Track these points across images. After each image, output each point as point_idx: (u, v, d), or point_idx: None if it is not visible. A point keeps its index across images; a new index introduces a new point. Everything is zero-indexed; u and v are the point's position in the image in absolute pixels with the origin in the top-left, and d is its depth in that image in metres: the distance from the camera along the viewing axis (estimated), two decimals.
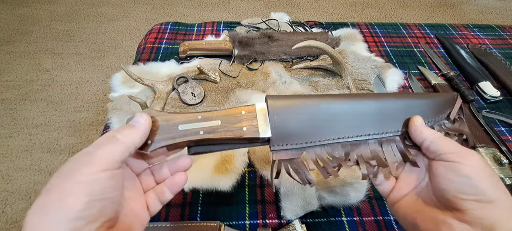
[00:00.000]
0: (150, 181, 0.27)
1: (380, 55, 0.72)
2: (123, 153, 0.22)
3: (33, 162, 1.14)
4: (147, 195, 0.27)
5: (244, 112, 0.27)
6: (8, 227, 0.97)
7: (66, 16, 1.86)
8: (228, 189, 0.44)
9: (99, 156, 0.21)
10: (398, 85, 0.63)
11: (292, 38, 0.68)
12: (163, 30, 0.76)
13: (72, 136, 1.22)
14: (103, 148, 0.22)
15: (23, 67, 1.51)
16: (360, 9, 2.01)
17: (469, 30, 0.82)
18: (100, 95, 1.39)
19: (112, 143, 0.22)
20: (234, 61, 0.65)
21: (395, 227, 0.42)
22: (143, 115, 0.25)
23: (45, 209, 0.19)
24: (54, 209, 0.19)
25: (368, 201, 0.44)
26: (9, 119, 1.27)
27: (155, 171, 0.28)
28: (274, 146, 0.26)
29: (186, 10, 1.95)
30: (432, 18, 1.96)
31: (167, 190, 0.27)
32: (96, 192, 0.20)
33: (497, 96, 0.61)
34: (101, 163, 0.21)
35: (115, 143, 0.22)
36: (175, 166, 0.28)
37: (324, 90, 0.60)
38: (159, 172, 0.28)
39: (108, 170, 0.21)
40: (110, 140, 0.22)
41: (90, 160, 0.21)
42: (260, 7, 1.99)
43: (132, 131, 0.23)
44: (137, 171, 0.27)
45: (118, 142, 0.22)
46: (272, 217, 0.43)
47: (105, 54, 1.61)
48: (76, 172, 0.20)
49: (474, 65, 0.68)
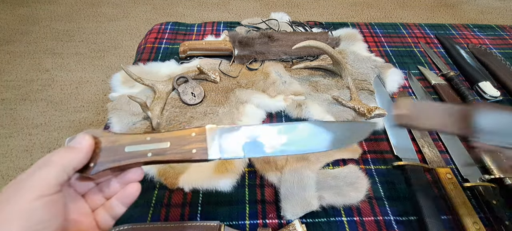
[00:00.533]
0: (98, 198, 0.26)
1: (380, 55, 0.72)
2: (59, 176, 0.21)
3: (33, 162, 1.13)
4: (96, 213, 0.25)
5: (194, 134, 0.26)
6: None
7: (66, 16, 1.86)
8: (228, 189, 0.44)
9: (33, 182, 0.20)
10: (398, 85, 0.63)
11: (292, 38, 0.68)
12: (163, 30, 0.76)
13: (72, 136, 1.22)
14: (39, 172, 0.20)
15: (23, 67, 1.51)
16: (360, 9, 2.01)
17: (469, 30, 0.82)
18: (100, 95, 1.39)
19: (47, 166, 0.21)
20: (234, 61, 0.65)
21: (395, 227, 0.42)
22: (85, 136, 0.24)
23: None
24: None
25: (368, 201, 0.44)
26: (9, 119, 1.27)
27: (103, 187, 0.26)
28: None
29: (186, 10, 1.95)
30: (432, 18, 1.96)
31: (118, 203, 0.26)
32: (32, 222, 0.19)
33: (497, 97, 0.61)
34: (36, 189, 0.20)
35: (50, 165, 0.21)
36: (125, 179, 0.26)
37: (324, 90, 0.60)
38: (107, 188, 0.26)
39: (45, 196, 0.20)
40: (45, 163, 0.21)
41: (23, 187, 0.20)
42: (260, 7, 1.99)
43: (70, 152, 0.22)
44: (82, 191, 0.25)
45: (54, 164, 0.21)
46: (272, 217, 0.43)
47: (105, 54, 1.61)
48: (11, 201, 0.19)
49: (474, 65, 0.68)
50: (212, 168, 0.46)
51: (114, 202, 0.26)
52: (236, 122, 0.53)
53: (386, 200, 0.45)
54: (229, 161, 0.47)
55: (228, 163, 0.46)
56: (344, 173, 0.46)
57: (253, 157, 0.26)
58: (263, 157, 0.26)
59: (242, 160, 0.47)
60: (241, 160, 0.47)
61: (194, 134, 0.26)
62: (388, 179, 0.47)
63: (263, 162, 0.47)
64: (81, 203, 0.25)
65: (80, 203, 0.25)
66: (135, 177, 0.26)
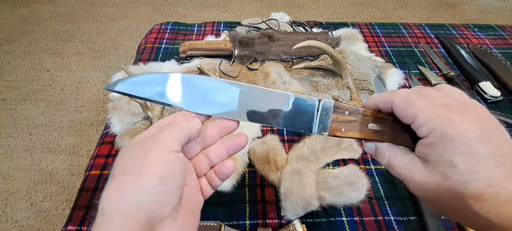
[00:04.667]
0: (203, 165, 0.27)
1: (380, 55, 0.72)
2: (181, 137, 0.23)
3: (33, 162, 1.14)
4: (200, 180, 0.27)
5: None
6: (8, 227, 0.97)
7: (67, 16, 1.87)
8: (228, 189, 0.44)
9: (163, 139, 0.22)
10: (398, 85, 0.63)
11: (292, 38, 0.68)
12: (163, 30, 0.76)
13: (72, 136, 1.22)
14: (165, 132, 0.23)
15: (24, 67, 1.51)
16: (360, 9, 2.01)
17: (469, 30, 0.82)
18: (100, 95, 1.39)
19: (171, 128, 0.23)
20: (234, 61, 0.65)
21: (395, 227, 0.42)
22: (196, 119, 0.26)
23: (122, 190, 0.20)
24: (131, 190, 0.20)
25: (368, 201, 0.44)
26: (9, 119, 1.27)
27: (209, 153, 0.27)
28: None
29: (186, 10, 1.95)
30: (432, 18, 1.96)
31: (216, 177, 0.27)
32: (167, 172, 0.21)
33: (498, 96, 0.61)
34: (167, 145, 0.22)
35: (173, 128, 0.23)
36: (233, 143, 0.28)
37: (324, 90, 0.60)
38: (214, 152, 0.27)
39: (173, 152, 0.22)
40: (169, 126, 0.24)
41: (156, 143, 0.22)
42: (260, 7, 1.99)
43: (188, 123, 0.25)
44: (190, 155, 0.27)
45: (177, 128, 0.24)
46: (272, 217, 0.43)
47: (105, 54, 1.62)
48: (148, 154, 0.21)
49: (474, 65, 0.67)
50: None
51: (213, 174, 0.27)
52: None
53: (386, 200, 0.45)
54: None
55: None
56: (344, 173, 0.45)
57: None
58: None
59: (242, 160, 0.48)
60: (241, 160, 0.47)
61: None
62: (388, 179, 0.47)
63: (263, 162, 0.47)
64: (190, 167, 0.27)
65: (189, 167, 0.26)
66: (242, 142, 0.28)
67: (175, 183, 0.22)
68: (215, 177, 0.27)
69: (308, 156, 0.47)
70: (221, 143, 0.28)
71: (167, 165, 0.21)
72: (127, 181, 0.20)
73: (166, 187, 0.21)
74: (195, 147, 0.27)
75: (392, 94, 0.25)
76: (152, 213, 0.20)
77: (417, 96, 0.23)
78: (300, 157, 0.47)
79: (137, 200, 0.20)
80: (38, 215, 1.00)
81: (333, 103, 0.27)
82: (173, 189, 0.22)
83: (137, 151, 0.22)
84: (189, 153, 0.27)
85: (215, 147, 0.27)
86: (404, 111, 0.23)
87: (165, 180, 0.21)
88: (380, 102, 0.26)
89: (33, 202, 1.03)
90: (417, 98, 0.23)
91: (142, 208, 0.20)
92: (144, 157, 0.21)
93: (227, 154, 0.28)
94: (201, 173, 0.27)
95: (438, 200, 0.22)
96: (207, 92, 0.26)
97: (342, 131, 0.27)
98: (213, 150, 0.27)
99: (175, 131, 0.23)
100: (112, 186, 0.20)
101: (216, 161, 0.27)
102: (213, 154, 0.27)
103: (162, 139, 0.22)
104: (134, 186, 0.20)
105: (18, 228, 0.97)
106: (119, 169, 0.21)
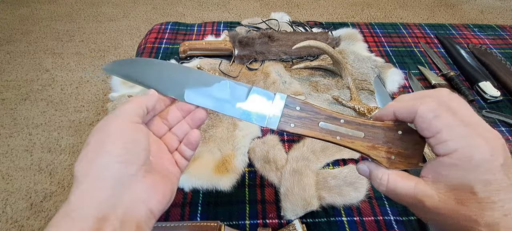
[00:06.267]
0: (173, 141, 0.30)
1: (380, 55, 0.72)
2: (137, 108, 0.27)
3: (33, 161, 1.14)
4: (173, 154, 0.30)
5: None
6: (8, 227, 0.97)
7: (67, 16, 1.87)
8: (228, 189, 0.44)
9: (121, 112, 0.26)
10: (398, 85, 0.63)
11: (292, 38, 0.68)
12: (163, 30, 0.76)
13: (72, 135, 1.22)
14: (123, 107, 0.27)
15: (24, 67, 1.51)
16: (360, 9, 2.01)
17: (469, 30, 0.82)
18: (100, 95, 1.39)
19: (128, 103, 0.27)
20: (234, 61, 0.65)
21: (395, 227, 0.42)
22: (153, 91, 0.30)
23: (89, 157, 0.23)
24: (97, 155, 0.23)
25: (368, 201, 0.44)
26: (9, 119, 1.27)
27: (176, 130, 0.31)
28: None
29: (186, 10, 1.95)
30: (432, 18, 1.96)
31: (186, 148, 0.30)
32: (128, 139, 0.24)
33: (497, 96, 0.61)
34: (125, 117, 0.26)
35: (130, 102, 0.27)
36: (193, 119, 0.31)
37: (324, 90, 0.60)
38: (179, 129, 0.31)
39: (132, 123, 0.25)
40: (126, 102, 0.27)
41: (116, 115, 0.26)
42: (260, 7, 1.99)
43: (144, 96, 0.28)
44: (159, 134, 0.30)
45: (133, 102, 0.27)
46: (272, 217, 0.43)
47: (105, 54, 1.61)
48: (109, 126, 0.25)
49: (474, 65, 0.67)
50: (212, 167, 0.46)
51: (183, 147, 0.31)
52: (236, 122, 0.53)
53: (386, 199, 0.45)
54: (229, 161, 0.47)
55: (228, 163, 0.46)
56: (344, 172, 0.46)
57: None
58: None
59: (242, 160, 0.48)
60: (241, 160, 0.47)
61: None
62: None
63: (263, 161, 0.47)
64: (160, 144, 0.30)
65: (159, 144, 0.29)
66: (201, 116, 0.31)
67: (138, 146, 0.25)
68: (185, 148, 0.31)
69: (308, 156, 0.47)
70: (184, 121, 0.31)
71: (127, 132, 0.25)
72: (93, 149, 0.24)
73: (128, 149, 0.24)
74: (162, 126, 0.30)
75: (416, 102, 0.23)
76: (119, 171, 0.23)
77: (446, 110, 0.21)
78: (300, 157, 0.47)
79: (103, 162, 0.23)
80: (38, 215, 1.00)
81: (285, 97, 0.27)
82: (136, 151, 0.25)
83: (101, 127, 0.25)
84: (158, 132, 0.30)
85: (179, 124, 0.31)
86: (429, 123, 0.22)
87: (127, 145, 0.24)
88: (401, 109, 0.24)
89: (33, 202, 1.03)
90: (445, 112, 0.21)
91: (109, 168, 0.23)
92: (106, 129, 0.25)
93: (190, 128, 0.31)
94: (172, 148, 0.30)
95: (448, 225, 0.21)
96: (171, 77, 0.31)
97: (291, 126, 0.27)
98: (178, 126, 0.31)
99: (131, 105, 0.27)
100: (81, 155, 0.23)
101: (182, 135, 0.31)
102: (178, 130, 0.31)
103: (120, 112, 0.26)
104: (99, 151, 0.23)
105: (18, 228, 0.97)
106: (86, 143, 0.24)
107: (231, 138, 0.50)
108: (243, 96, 0.29)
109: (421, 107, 0.22)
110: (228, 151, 0.48)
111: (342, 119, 0.26)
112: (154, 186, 0.25)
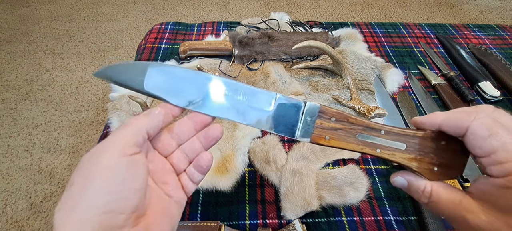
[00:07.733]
0: (181, 160, 0.26)
1: (380, 55, 0.72)
2: (135, 136, 0.22)
3: (33, 162, 1.14)
4: (180, 177, 0.26)
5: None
6: (8, 227, 0.97)
7: (67, 16, 1.87)
8: (228, 189, 0.44)
9: (115, 142, 0.21)
10: (398, 85, 0.63)
11: (292, 38, 0.68)
12: (163, 30, 0.76)
13: (72, 136, 1.22)
14: (118, 133, 0.22)
15: (23, 67, 1.51)
16: (360, 9, 2.01)
17: (469, 30, 0.82)
18: (100, 95, 1.39)
19: (125, 127, 0.22)
20: (234, 61, 0.65)
21: (395, 227, 0.42)
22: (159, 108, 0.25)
23: (70, 205, 0.19)
24: (79, 204, 0.19)
25: (368, 201, 0.44)
26: (9, 119, 1.27)
27: (185, 148, 0.26)
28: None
29: (186, 10, 1.95)
30: (432, 18, 1.96)
31: (195, 171, 0.26)
32: (117, 178, 0.20)
33: (497, 96, 0.61)
34: (118, 149, 0.21)
35: (127, 127, 0.22)
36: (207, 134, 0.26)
37: (324, 90, 0.60)
38: (190, 147, 0.26)
39: (126, 156, 0.21)
40: (124, 125, 0.23)
41: (108, 147, 0.21)
42: (260, 7, 1.99)
43: (145, 117, 0.24)
44: (166, 152, 0.26)
45: (130, 126, 0.22)
46: (272, 217, 0.43)
47: (105, 54, 1.62)
48: (96, 162, 0.20)
49: (474, 65, 0.67)
50: (212, 167, 0.46)
51: (192, 169, 0.26)
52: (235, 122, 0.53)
53: (386, 200, 0.45)
54: (229, 161, 0.47)
55: (228, 163, 0.46)
56: (344, 173, 0.46)
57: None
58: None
59: (242, 160, 0.48)
60: (241, 160, 0.47)
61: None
62: (388, 178, 0.47)
63: (263, 162, 0.47)
64: (166, 165, 0.26)
65: (165, 165, 0.25)
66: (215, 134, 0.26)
67: (130, 188, 0.20)
68: (195, 171, 0.26)
69: (308, 156, 0.47)
70: (196, 137, 0.27)
71: (118, 170, 0.20)
72: (75, 194, 0.19)
73: (116, 195, 0.20)
74: (170, 143, 0.26)
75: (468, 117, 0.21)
76: (102, 223, 0.19)
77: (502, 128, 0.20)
78: (300, 157, 0.47)
79: (83, 214, 0.19)
80: (38, 215, 1.00)
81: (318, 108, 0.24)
82: (126, 195, 0.20)
83: (87, 162, 0.21)
84: (164, 151, 0.26)
85: (190, 142, 0.26)
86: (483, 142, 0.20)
87: (115, 189, 0.20)
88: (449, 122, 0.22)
89: (33, 202, 1.03)
90: (502, 130, 0.19)
91: (91, 221, 0.19)
92: (92, 167, 0.20)
93: (203, 148, 0.27)
94: (179, 170, 0.26)
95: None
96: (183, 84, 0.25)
97: (326, 139, 0.25)
98: (189, 145, 0.26)
99: (127, 130, 0.22)
100: (62, 201, 0.19)
101: (193, 156, 0.26)
102: (189, 149, 0.26)
103: (112, 142, 0.21)
104: (80, 199, 0.19)
105: (18, 228, 0.97)
106: (70, 183, 0.20)
107: (231, 138, 0.50)
108: (267, 105, 0.25)
109: (474, 123, 0.20)
110: (228, 151, 0.48)
111: (382, 129, 0.24)
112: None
